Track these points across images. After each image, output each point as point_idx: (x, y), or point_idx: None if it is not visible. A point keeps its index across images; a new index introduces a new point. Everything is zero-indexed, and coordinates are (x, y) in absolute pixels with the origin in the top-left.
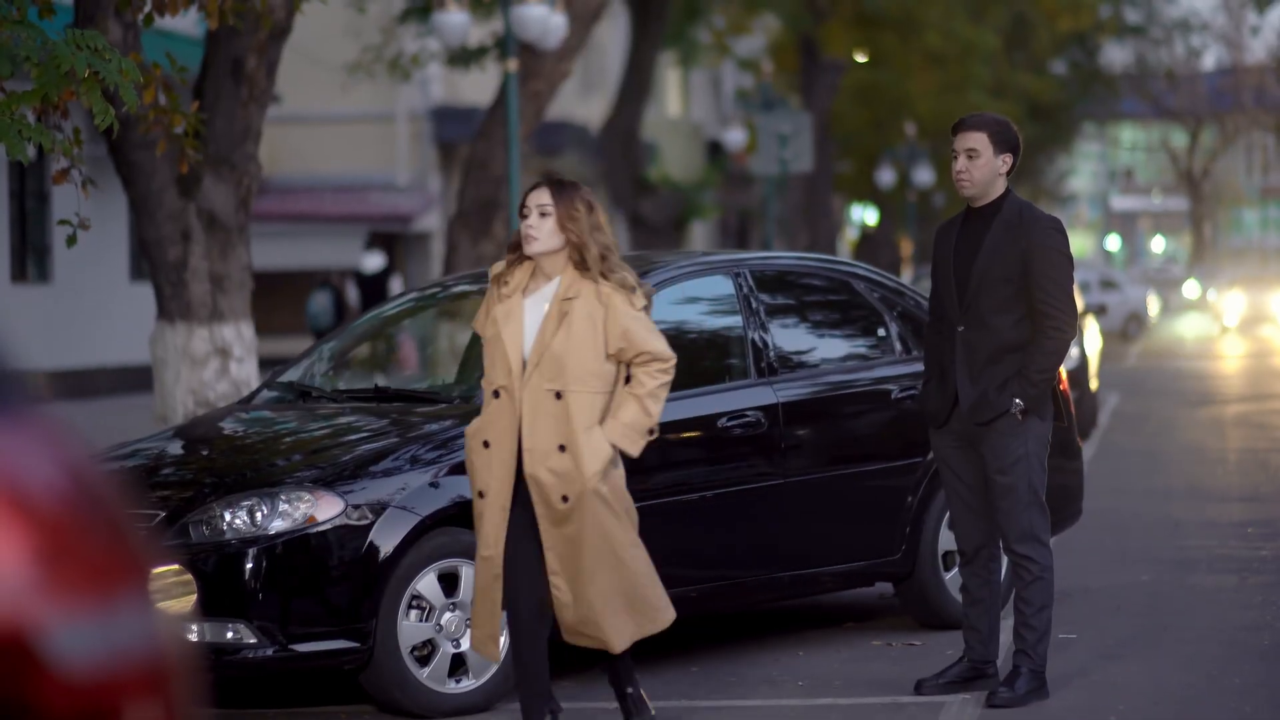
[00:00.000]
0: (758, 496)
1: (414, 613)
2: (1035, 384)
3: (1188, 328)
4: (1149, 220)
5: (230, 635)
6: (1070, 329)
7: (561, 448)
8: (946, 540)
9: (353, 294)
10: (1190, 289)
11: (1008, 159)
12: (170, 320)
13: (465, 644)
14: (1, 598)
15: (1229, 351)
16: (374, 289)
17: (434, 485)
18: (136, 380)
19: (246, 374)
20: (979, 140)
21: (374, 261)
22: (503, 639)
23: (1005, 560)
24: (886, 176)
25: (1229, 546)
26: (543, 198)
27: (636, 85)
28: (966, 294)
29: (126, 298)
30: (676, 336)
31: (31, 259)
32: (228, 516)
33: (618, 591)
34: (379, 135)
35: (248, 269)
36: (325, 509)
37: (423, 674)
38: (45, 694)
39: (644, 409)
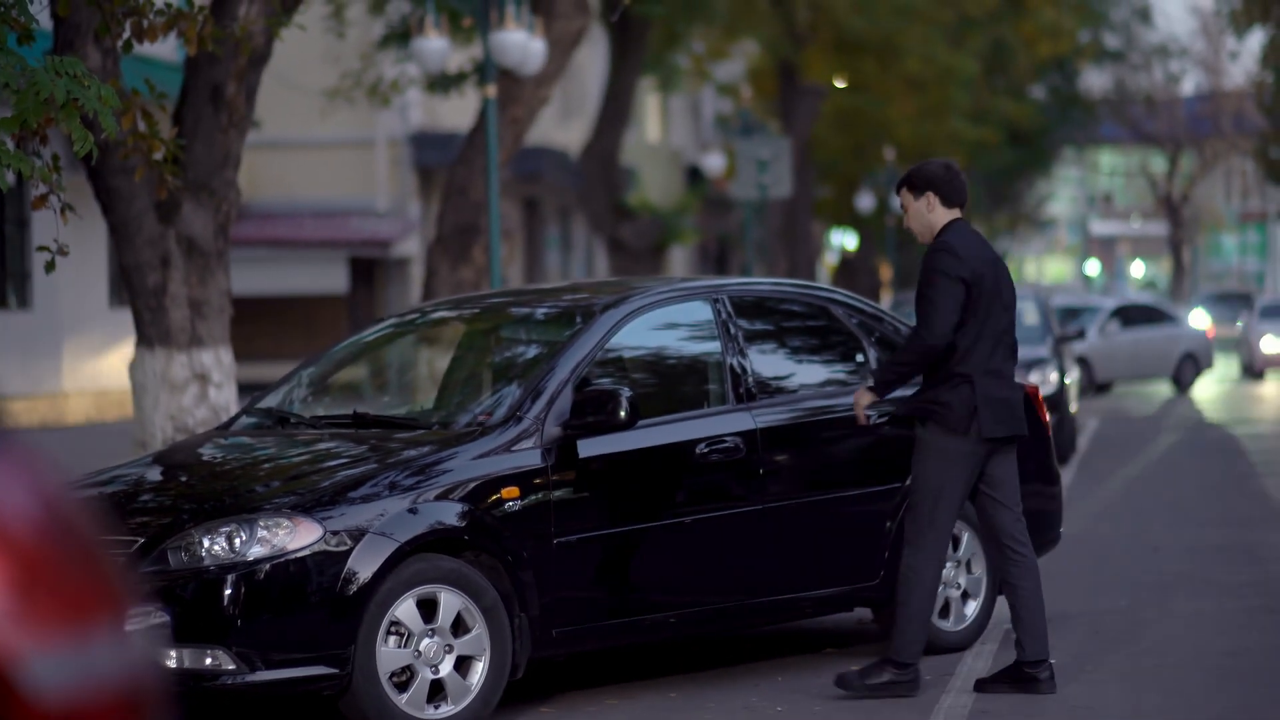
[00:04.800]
0: (736, 522)
1: (392, 639)
2: (877, 374)
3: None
4: (1128, 245)
5: (209, 661)
6: (926, 338)
7: None
8: None
9: None
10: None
11: (930, 196)
12: (149, 346)
13: (444, 670)
14: None
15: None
16: None
17: (413, 511)
18: (115, 406)
19: (225, 400)
20: (904, 196)
21: None
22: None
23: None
24: (866, 202)
25: (1208, 571)
26: None
27: (616, 110)
28: None
29: (106, 323)
30: (655, 362)
31: (11, 285)
32: (206, 543)
33: None
34: (358, 161)
35: (227, 294)
36: (304, 535)
37: (401, 700)
38: None
39: None
